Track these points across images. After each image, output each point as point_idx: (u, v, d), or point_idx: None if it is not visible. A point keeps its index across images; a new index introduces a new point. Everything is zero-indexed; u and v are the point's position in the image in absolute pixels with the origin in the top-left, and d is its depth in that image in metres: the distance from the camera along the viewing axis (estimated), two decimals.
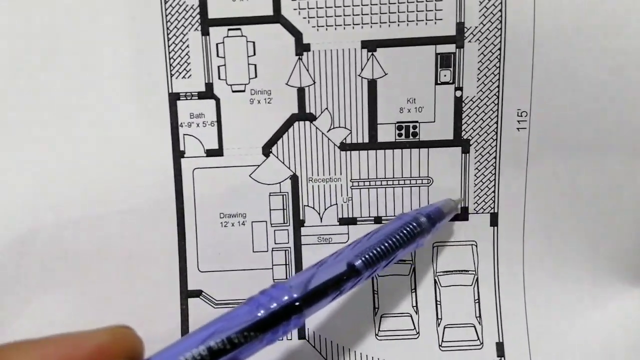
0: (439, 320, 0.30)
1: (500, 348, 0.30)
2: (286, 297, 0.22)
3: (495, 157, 0.29)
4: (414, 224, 0.26)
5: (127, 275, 0.30)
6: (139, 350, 0.20)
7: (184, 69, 0.29)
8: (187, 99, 0.29)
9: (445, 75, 0.29)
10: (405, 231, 0.26)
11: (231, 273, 0.30)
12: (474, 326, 0.30)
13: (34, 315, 0.30)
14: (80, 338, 0.19)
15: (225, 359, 0.20)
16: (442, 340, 0.30)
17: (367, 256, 0.24)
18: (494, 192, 0.30)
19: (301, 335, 0.30)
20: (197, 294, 0.30)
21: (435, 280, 0.30)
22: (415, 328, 0.30)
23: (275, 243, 0.30)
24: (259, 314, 0.21)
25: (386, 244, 0.25)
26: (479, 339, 0.30)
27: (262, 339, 0.21)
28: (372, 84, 0.29)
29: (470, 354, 0.30)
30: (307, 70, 0.29)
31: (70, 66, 0.29)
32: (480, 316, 0.30)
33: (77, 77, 0.29)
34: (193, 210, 0.30)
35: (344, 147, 0.29)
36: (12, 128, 0.29)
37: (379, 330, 0.30)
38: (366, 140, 0.29)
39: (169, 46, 0.29)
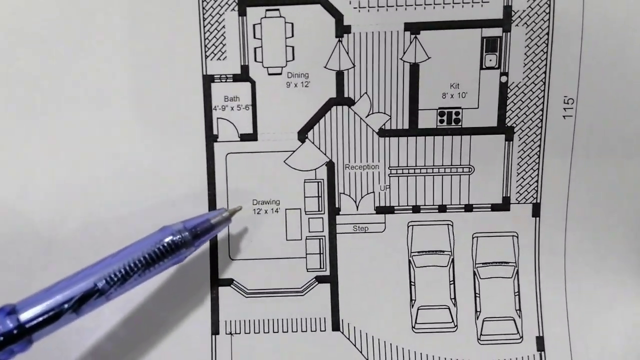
0: (478, 313, 0.29)
1: (540, 342, 0.29)
2: (9, 322, 0.22)
3: (539, 146, 0.28)
4: (175, 238, 0.25)
5: None
6: None
7: (219, 50, 0.28)
8: (221, 82, 0.28)
9: (490, 60, 0.28)
10: (162, 247, 0.25)
11: (263, 262, 0.29)
12: (514, 319, 0.29)
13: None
14: None
15: None
16: (481, 334, 0.29)
17: (112, 275, 0.24)
18: (537, 182, 0.29)
19: (335, 327, 0.29)
20: (228, 282, 0.29)
21: (474, 272, 0.29)
22: (453, 321, 0.29)
23: (309, 231, 0.29)
24: None
25: (137, 261, 0.24)
26: (518, 332, 0.29)
27: None
28: (414, 68, 0.28)
29: (510, 348, 0.29)
30: (347, 53, 0.28)
31: (102, 47, 0.28)
32: (520, 309, 0.29)
33: (111, 58, 0.28)
34: (225, 196, 0.29)
35: (383, 133, 0.29)
36: (44, 111, 0.28)
37: (415, 322, 0.29)
38: (406, 126, 0.28)
39: (204, 26, 0.28)
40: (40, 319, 0.22)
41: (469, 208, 0.29)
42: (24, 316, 0.22)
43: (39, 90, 0.28)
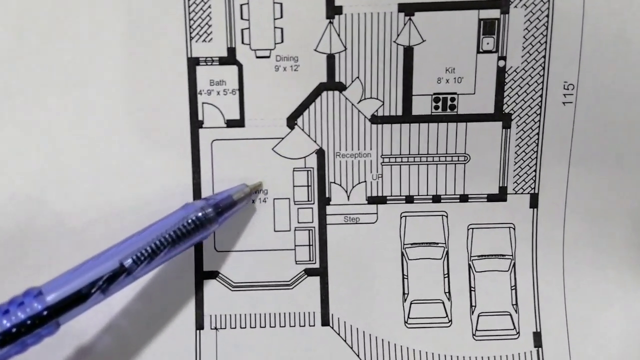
0: (473, 307, 0.28)
1: (537, 338, 0.28)
2: (36, 305, 0.21)
3: (537, 134, 0.27)
4: (199, 214, 0.24)
5: None
6: None
7: (205, 31, 0.27)
8: (207, 65, 0.27)
9: (488, 43, 0.27)
10: (187, 223, 0.24)
11: (250, 253, 0.28)
12: (510, 314, 0.28)
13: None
14: None
15: None
16: (476, 329, 0.28)
17: (138, 254, 0.23)
18: (535, 171, 0.28)
19: (325, 322, 0.28)
20: (214, 275, 0.28)
21: (469, 264, 0.28)
22: (447, 316, 0.28)
23: (298, 222, 0.28)
24: (6, 324, 0.21)
25: (162, 239, 0.24)
26: (515, 328, 0.28)
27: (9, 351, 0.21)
28: (409, 52, 0.27)
29: (506, 344, 0.28)
30: (338, 36, 0.27)
31: (79, 30, 0.27)
32: (516, 304, 0.28)
33: (87, 41, 0.27)
34: (211, 184, 0.28)
35: (376, 119, 0.28)
36: (22, 97, 0.27)
37: (408, 317, 0.28)
38: (400, 112, 0.27)
39: (189, 6, 0.27)
40: (68, 300, 0.22)
41: (464, 198, 0.28)
42: (51, 298, 0.22)
43: (17, 73, 0.27)
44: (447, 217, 0.28)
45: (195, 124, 0.27)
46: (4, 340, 0.21)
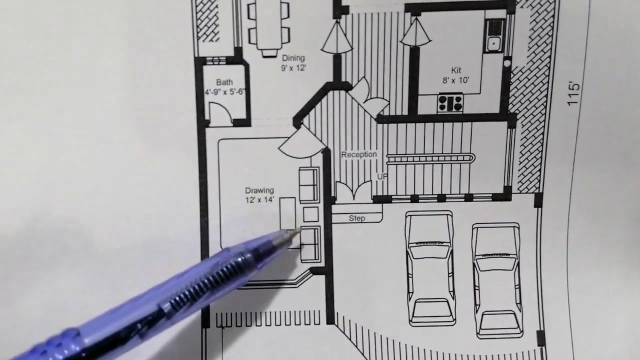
0: (477, 306, 0.28)
1: (541, 337, 0.28)
2: (74, 347, 0.21)
3: (542, 134, 0.27)
4: (238, 259, 0.25)
5: (143, 253, 0.28)
6: None
7: (212, 31, 0.27)
8: (214, 64, 0.27)
9: (493, 43, 0.27)
10: (226, 268, 0.24)
11: None
12: (514, 313, 0.28)
13: (44, 292, 0.27)
14: None
15: None
16: (480, 328, 0.28)
17: (177, 298, 0.23)
18: (539, 170, 0.28)
19: (330, 320, 0.28)
20: None
21: (474, 263, 0.28)
22: (451, 314, 0.28)
23: (304, 221, 0.28)
24: None
25: (201, 283, 0.24)
26: (519, 326, 0.28)
27: None
28: (415, 52, 0.27)
29: (510, 343, 0.28)
30: (345, 35, 0.27)
31: (85, 29, 0.27)
32: (520, 303, 0.28)
33: (94, 40, 0.27)
34: (217, 184, 0.28)
35: (381, 119, 0.28)
36: (27, 96, 0.27)
37: (413, 316, 0.28)
38: (405, 112, 0.27)
39: (196, 6, 0.27)
40: (106, 343, 0.22)
41: (469, 198, 0.28)
42: (90, 340, 0.21)
43: (25, 73, 0.27)
44: (451, 216, 0.28)
45: (202, 123, 0.27)
46: None
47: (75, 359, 0.21)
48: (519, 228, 0.28)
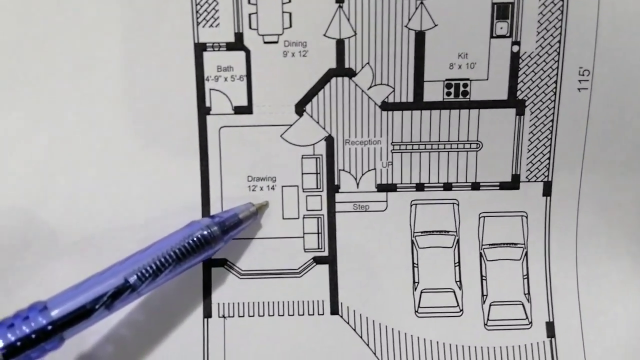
0: (485, 297, 0.28)
1: (550, 328, 0.28)
2: (41, 320, 0.21)
3: (552, 120, 0.27)
4: (204, 232, 0.25)
5: (144, 242, 0.27)
6: None
7: (212, 16, 0.26)
8: (214, 50, 0.27)
9: (501, 28, 0.26)
10: (192, 241, 0.25)
11: (258, 241, 0.28)
12: (522, 304, 0.28)
13: (44, 282, 0.27)
14: None
15: None
16: (488, 319, 0.28)
17: (143, 270, 0.23)
18: (548, 158, 0.27)
19: (334, 310, 0.28)
20: (222, 263, 0.28)
21: (481, 253, 0.28)
22: (458, 305, 0.28)
23: (307, 210, 0.28)
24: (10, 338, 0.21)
25: (167, 256, 0.24)
26: (527, 317, 0.28)
27: None
28: (420, 37, 0.26)
29: (518, 334, 0.28)
30: (348, 20, 0.26)
31: (84, 15, 0.26)
32: (529, 293, 0.28)
33: (93, 27, 0.26)
34: (219, 172, 0.27)
35: (386, 106, 0.27)
36: (27, 87, 0.27)
37: (418, 306, 0.28)
38: (410, 99, 0.27)
39: None
40: (73, 316, 0.22)
41: (476, 186, 0.27)
42: (56, 313, 0.22)
43: (24, 61, 0.26)
44: (458, 205, 0.28)
45: (203, 111, 0.27)
46: (9, 354, 0.21)
47: (42, 332, 0.21)
48: (527, 217, 0.28)
